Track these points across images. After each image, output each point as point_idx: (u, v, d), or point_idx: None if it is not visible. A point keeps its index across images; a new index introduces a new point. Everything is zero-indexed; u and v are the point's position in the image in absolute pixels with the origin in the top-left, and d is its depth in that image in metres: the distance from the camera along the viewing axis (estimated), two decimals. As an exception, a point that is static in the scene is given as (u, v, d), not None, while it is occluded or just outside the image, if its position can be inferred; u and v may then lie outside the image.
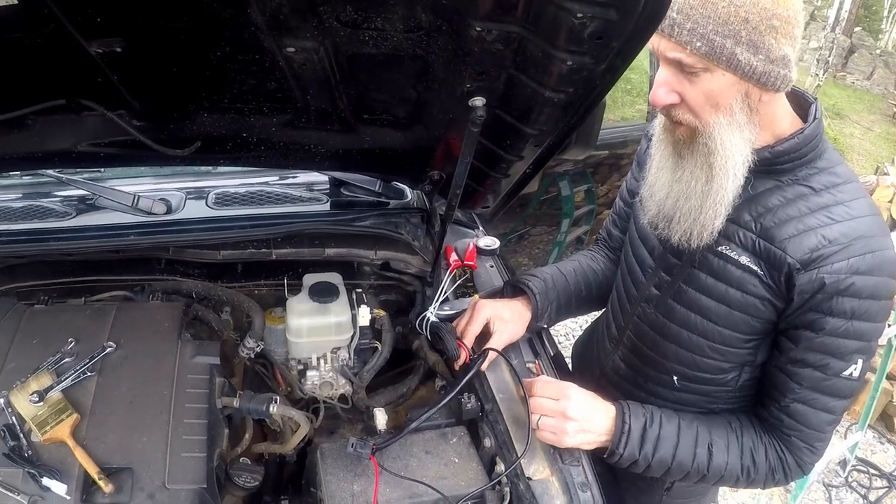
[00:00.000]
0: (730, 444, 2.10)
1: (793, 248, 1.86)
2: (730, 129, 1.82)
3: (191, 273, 2.74)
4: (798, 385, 1.97)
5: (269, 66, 1.87)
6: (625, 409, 2.11)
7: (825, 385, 1.95)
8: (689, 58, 1.72)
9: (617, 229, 2.65)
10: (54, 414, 1.92)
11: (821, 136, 1.94)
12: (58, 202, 2.81)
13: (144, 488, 1.83)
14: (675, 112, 1.87)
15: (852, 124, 15.19)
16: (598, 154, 4.84)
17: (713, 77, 1.75)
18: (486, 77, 1.80)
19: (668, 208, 2.04)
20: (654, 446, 2.07)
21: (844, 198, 1.89)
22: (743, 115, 1.82)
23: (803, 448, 2.05)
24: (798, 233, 1.87)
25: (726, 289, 2.02)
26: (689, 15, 1.67)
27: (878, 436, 6.03)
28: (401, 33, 1.70)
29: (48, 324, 2.27)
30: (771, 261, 1.91)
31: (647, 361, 2.34)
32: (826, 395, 1.96)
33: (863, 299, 1.83)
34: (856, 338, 1.88)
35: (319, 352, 2.55)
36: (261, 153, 2.37)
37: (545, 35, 1.55)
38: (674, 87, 1.81)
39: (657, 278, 2.22)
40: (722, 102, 1.79)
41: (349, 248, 2.74)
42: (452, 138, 2.18)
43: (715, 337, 2.11)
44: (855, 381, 1.95)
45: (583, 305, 2.69)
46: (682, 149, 1.95)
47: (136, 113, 2.09)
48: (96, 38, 1.69)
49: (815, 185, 1.91)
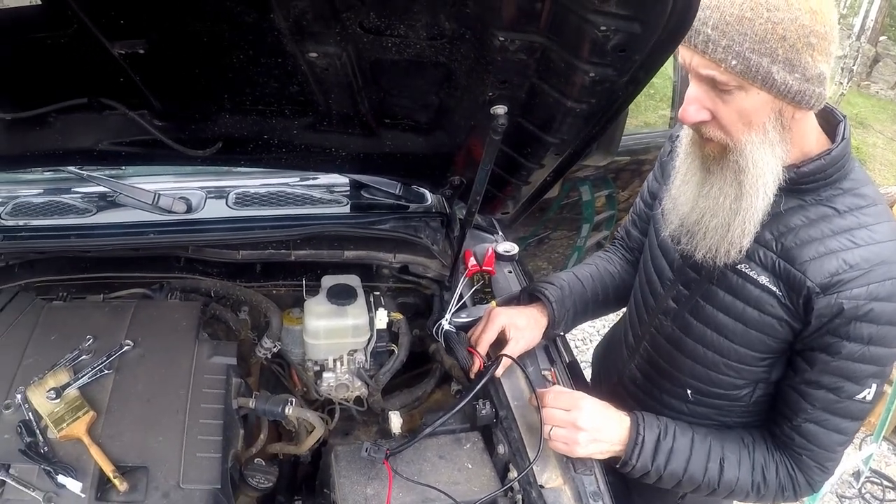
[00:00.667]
0: (741, 459, 2.09)
1: (813, 271, 1.84)
2: (762, 148, 1.78)
3: (209, 272, 2.74)
4: (811, 406, 1.96)
5: (291, 70, 1.88)
6: (639, 419, 2.10)
7: (838, 407, 1.94)
8: (724, 76, 1.68)
9: (636, 230, 2.63)
10: (71, 411, 1.93)
11: (848, 155, 1.90)
12: (78, 199, 2.82)
13: (159, 487, 1.84)
14: (706, 129, 1.83)
15: (875, 134, 15.07)
16: (620, 160, 4.84)
17: (747, 95, 1.71)
18: (508, 86, 1.80)
19: (691, 223, 2.00)
20: (667, 458, 2.06)
21: (868, 221, 1.86)
22: (776, 133, 1.78)
23: (814, 467, 2.05)
24: (819, 255, 1.84)
25: (744, 307, 2.01)
26: (725, 32, 1.63)
27: (892, 448, 5.98)
28: (424, 41, 1.70)
29: (66, 320, 2.28)
30: (790, 282, 1.89)
31: (663, 373, 2.34)
32: (838, 416, 1.95)
33: (881, 325, 1.81)
34: (871, 363, 1.86)
35: (336, 354, 2.55)
36: (282, 155, 2.38)
37: (568, 46, 1.55)
38: (705, 104, 1.78)
39: (675, 291, 2.21)
40: (755, 121, 1.75)
41: (368, 251, 2.74)
42: (474, 145, 2.17)
43: (730, 354, 2.10)
44: (867, 404, 1.94)
45: (599, 309, 2.69)
46: (712, 164, 1.91)
47: (158, 113, 2.11)
48: (119, 39, 1.71)
49: (839, 207, 1.88)
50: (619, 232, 2.77)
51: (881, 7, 16.24)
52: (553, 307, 2.39)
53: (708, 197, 1.92)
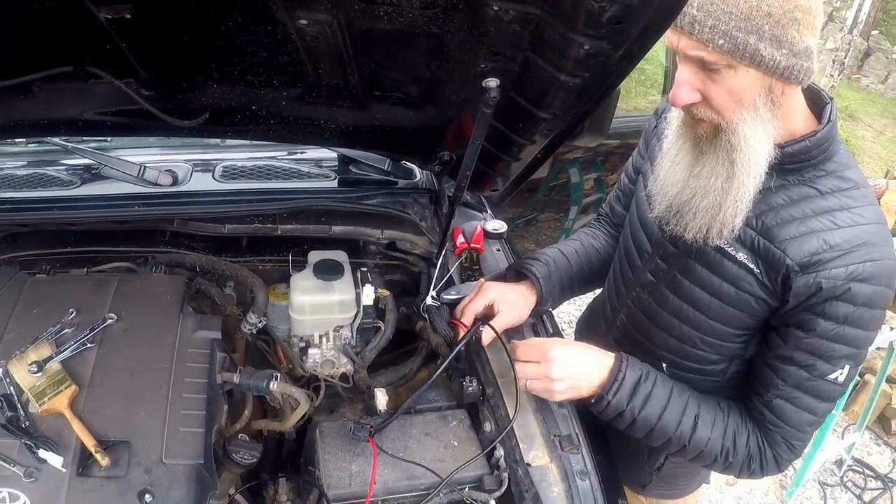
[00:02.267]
0: (715, 421, 2.09)
1: (793, 250, 1.86)
2: (753, 126, 1.78)
3: (195, 246, 2.73)
4: (782, 381, 1.97)
5: (281, 38, 1.86)
6: (623, 358, 2.11)
7: (809, 385, 1.95)
8: (712, 55, 1.68)
9: (620, 206, 2.65)
10: (53, 385, 1.91)
11: (833, 138, 1.91)
12: (63, 171, 2.81)
13: (141, 462, 1.82)
14: (697, 110, 1.84)
15: (864, 127, 15.14)
16: (610, 143, 4.84)
17: (736, 74, 1.71)
18: (501, 58, 1.79)
19: (680, 204, 2.00)
20: (644, 402, 2.07)
21: (850, 203, 1.88)
22: (766, 110, 1.78)
23: (782, 444, 2.06)
24: (799, 235, 1.86)
25: (721, 283, 2.03)
26: (711, 11, 1.63)
27: (875, 437, 6.03)
28: (417, 10, 1.68)
29: (49, 294, 2.26)
30: (769, 260, 1.91)
31: (638, 346, 2.35)
32: (808, 395, 1.97)
33: (857, 306, 1.83)
34: (846, 343, 1.88)
35: (322, 330, 2.54)
36: (270, 127, 2.36)
37: (564, 18, 1.54)
38: (695, 85, 1.78)
39: (653, 264, 2.22)
40: (745, 99, 1.76)
41: (355, 227, 2.73)
42: (464, 119, 2.16)
43: (706, 330, 2.12)
44: (839, 385, 1.95)
45: (586, 285, 2.71)
46: (704, 144, 1.91)
47: (145, 82, 2.08)
48: (106, 3, 1.67)
49: (822, 188, 1.90)
50: (604, 207, 2.78)
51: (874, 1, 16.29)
52: (541, 284, 2.39)
53: (699, 177, 1.92)
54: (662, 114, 2.35)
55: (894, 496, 5.42)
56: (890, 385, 5.98)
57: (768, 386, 2.01)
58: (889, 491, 5.43)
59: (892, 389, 5.98)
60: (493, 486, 2.04)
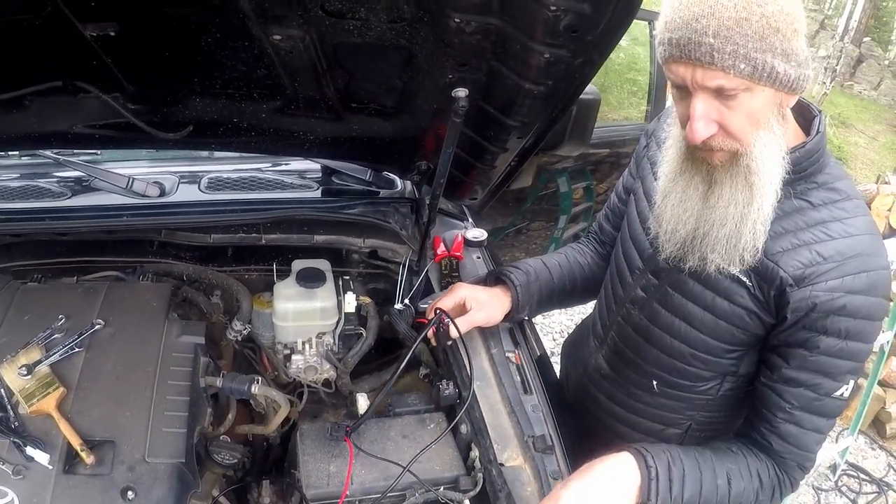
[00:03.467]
0: (741, 469, 1.99)
1: (785, 262, 1.84)
2: (770, 145, 1.75)
3: (182, 256, 2.78)
4: (789, 404, 1.92)
5: (258, 53, 1.92)
6: (642, 452, 1.92)
7: (816, 405, 1.92)
8: (732, 82, 1.63)
9: (609, 224, 2.60)
10: (41, 387, 1.96)
11: (823, 150, 1.89)
12: (54, 183, 2.85)
13: (125, 461, 1.87)
14: (714, 141, 1.76)
15: (857, 133, 15.19)
16: (599, 152, 4.88)
17: (753, 96, 1.68)
18: (467, 68, 1.85)
19: (696, 239, 1.93)
20: (682, 485, 1.91)
21: (842, 215, 1.86)
22: (779, 126, 1.76)
23: (795, 468, 2.02)
24: (792, 247, 1.84)
25: (713, 297, 2.00)
26: (728, 38, 1.58)
27: (869, 441, 6.05)
28: (384, 23, 1.75)
29: (40, 301, 2.31)
30: (762, 273, 1.88)
31: (629, 364, 2.32)
32: (815, 414, 1.93)
33: (858, 319, 1.80)
34: (849, 358, 1.85)
35: (305, 336, 2.59)
36: (251, 139, 2.42)
37: (522, 27, 1.60)
38: (712, 117, 1.71)
39: (644, 280, 2.20)
40: (762, 119, 1.72)
41: (338, 236, 2.77)
42: (438, 129, 2.20)
43: (698, 345, 2.08)
44: (844, 401, 1.93)
45: (566, 299, 2.68)
46: (719, 174, 1.84)
47: (131, 96, 2.14)
48: (91, 21, 1.74)
49: (814, 201, 1.88)
50: (593, 226, 2.75)
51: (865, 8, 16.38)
52: (518, 291, 2.39)
53: (716, 208, 1.86)
54: (652, 134, 2.33)
55: (889, 500, 5.44)
56: (883, 389, 6.02)
57: (775, 410, 1.95)
58: (884, 495, 5.46)
59: (885, 393, 6.02)
60: (468, 486, 2.07)
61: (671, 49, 1.65)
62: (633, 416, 2.37)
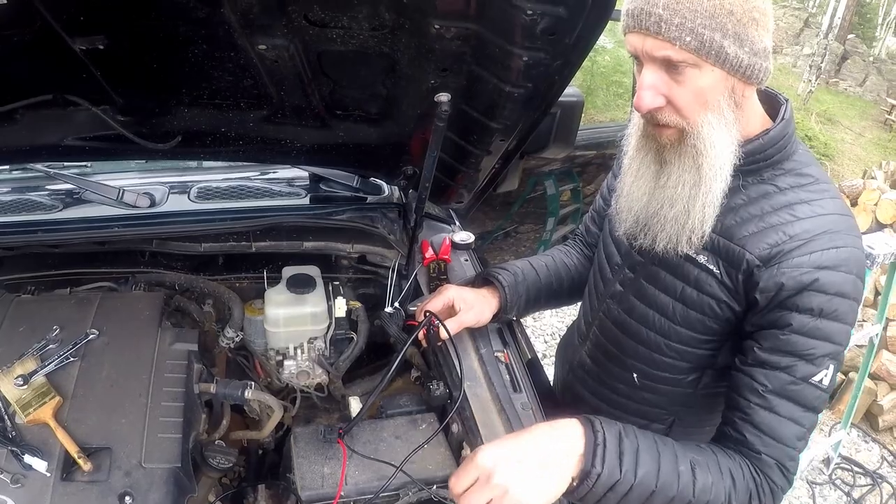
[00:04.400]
0: (709, 462, 1.82)
1: (752, 244, 1.83)
2: (719, 128, 1.76)
3: (174, 266, 2.80)
4: (762, 387, 1.82)
5: (244, 63, 1.96)
6: (589, 418, 1.78)
7: (792, 390, 1.80)
8: (679, 54, 1.65)
9: (595, 226, 2.64)
10: (38, 397, 1.98)
11: (789, 136, 1.89)
12: (46, 196, 2.88)
13: (122, 467, 1.89)
14: (661, 115, 1.79)
15: (844, 130, 15.27)
16: (586, 154, 4.90)
17: (701, 74, 1.69)
18: (449, 73, 1.89)
19: (647, 216, 1.97)
20: (636, 460, 1.74)
21: (810, 197, 1.84)
22: (730, 111, 1.76)
23: (774, 467, 1.83)
24: (759, 230, 1.83)
25: (683, 287, 2.01)
26: (676, 10, 1.61)
27: (862, 434, 6.07)
28: (366, 31, 1.79)
29: (34, 312, 2.33)
30: (729, 258, 1.88)
31: (611, 358, 2.34)
32: (792, 401, 1.81)
33: (830, 296, 1.74)
34: (825, 339, 1.77)
35: (296, 341, 2.62)
36: (239, 148, 2.46)
37: (500, 32, 1.64)
38: (660, 89, 1.73)
39: (622, 275, 2.23)
40: (710, 100, 1.73)
41: (326, 242, 2.81)
42: (423, 133, 2.23)
43: (672, 335, 2.09)
44: (824, 391, 1.81)
45: (554, 299, 2.68)
46: (669, 153, 1.87)
47: (120, 108, 2.17)
48: (80, 35, 1.77)
49: (781, 185, 1.88)
50: (580, 228, 2.77)
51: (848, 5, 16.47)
52: (505, 291, 2.41)
53: (665, 187, 1.89)
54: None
55: (884, 492, 5.47)
56: (874, 382, 6.06)
57: (748, 395, 1.84)
58: (878, 487, 5.48)
59: (876, 386, 6.05)
60: None
61: (627, 20, 1.68)
62: (616, 410, 2.38)
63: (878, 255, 4.45)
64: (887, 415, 6.02)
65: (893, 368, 6.05)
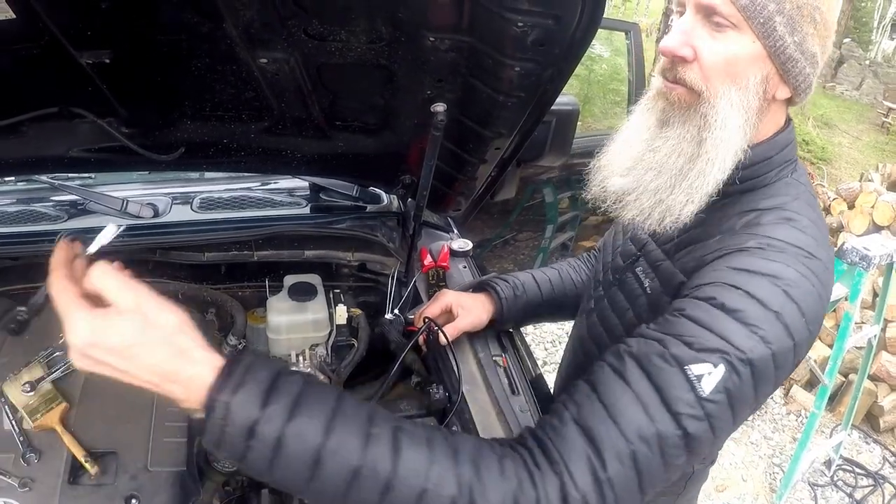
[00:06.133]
0: (433, 437, 1.35)
1: (684, 264, 1.65)
2: (737, 109, 1.56)
3: (177, 275, 2.84)
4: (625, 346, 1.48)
5: (245, 76, 2.00)
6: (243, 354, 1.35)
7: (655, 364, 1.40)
8: (726, 7, 1.48)
9: None
10: (45, 403, 2.03)
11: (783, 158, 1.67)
12: (50, 207, 2.92)
13: (128, 470, 1.94)
14: (682, 69, 1.58)
15: (841, 133, 15.31)
16: (584, 161, 4.94)
17: (740, 38, 1.51)
18: (444, 84, 1.93)
19: (627, 181, 1.73)
20: (294, 403, 1.26)
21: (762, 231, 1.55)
22: (756, 99, 1.56)
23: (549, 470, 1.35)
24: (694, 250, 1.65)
25: (628, 309, 1.85)
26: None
27: (863, 436, 6.12)
28: (364, 44, 1.83)
29: (40, 321, 2.36)
30: (664, 283, 1.71)
31: (572, 374, 2.28)
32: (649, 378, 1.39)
33: (744, 295, 1.42)
34: (719, 333, 1.38)
35: (298, 348, 2.65)
36: (241, 159, 2.50)
37: (492, 43, 1.68)
38: (692, 40, 1.55)
39: (598, 293, 2.13)
40: (740, 73, 1.54)
41: (327, 250, 2.86)
42: (420, 143, 2.26)
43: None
44: (696, 391, 1.35)
45: (556, 313, 2.63)
46: (672, 115, 1.65)
47: (124, 120, 2.20)
48: (87, 49, 1.81)
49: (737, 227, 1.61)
50: (598, 243, 2.55)
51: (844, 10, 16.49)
52: (503, 303, 2.42)
53: (657, 151, 1.67)
54: None
55: (886, 493, 5.51)
56: (874, 383, 6.11)
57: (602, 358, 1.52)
58: (880, 487, 5.53)
59: (876, 388, 6.10)
60: None
61: None
62: None
63: (875, 257, 4.48)
64: (888, 416, 6.06)
65: (893, 369, 6.09)
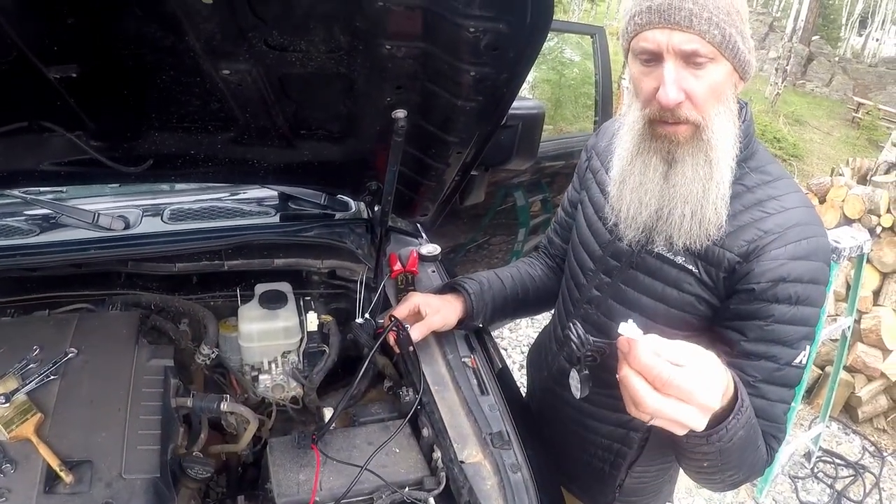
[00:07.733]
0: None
1: (730, 244, 1.92)
2: (727, 120, 1.86)
3: (149, 286, 2.86)
4: (752, 378, 1.92)
5: (209, 87, 2.03)
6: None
7: (778, 376, 1.93)
8: (706, 47, 1.74)
9: (558, 237, 2.72)
10: (20, 414, 2.03)
11: (751, 137, 2.01)
12: (23, 221, 2.93)
13: (103, 478, 1.94)
14: (681, 110, 1.83)
15: (812, 130, 15.43)
16: (555, 164, 4.99)
17: (717, 68, 1.79)
18: (403, 90, 1.97)
19: (660, 220, 2.00)
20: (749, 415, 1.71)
21: (776, 193, 1.96)
22: (734, 103, 1.89)
23: (770, 438, 1.97)
24: (734, 229, 1.93)
25: (663, 287, 2.08)
26: (704, 5, 1.71)
27: (843, 427, 6.20)
28: (323, 54, 1.87)
29: (14, 334, 2.37)
30: (709, 259, 1.97)
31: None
32: (778, 385, 1.94)
33: (805, 283, 1.86)
34: (802, 323, 1.89)
35: (270, 356, 2.67)
36: (209, 169, 2.53)
37: (447, 49, 1.72)
38: (682, 84, 1.79)
39: (598, 280, 2.28)
40: (721, 93, 1.83)
41: (297, 258, 2.88)
42: (384, 149, 2.28)
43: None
44: (802, 369, 1.95)
45: (520, 309, 2.77)
46: (681, 151, 1.91)
47: (93, 133, 2.23)
48: (54, 64, 1.83)
49: (748, 183, 1.98)
50: (543, 241, 2.84)
51: (811, 7, 16.65)
52: (472, 299, 2.48)
53: (677, 185, 1.93)
54: (593, 148, 2.43)
55: (866, 482, 5.57)
56: (851, 374, 6.18)
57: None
58: (861, 477, 5.60)
59: (853, 379, 6.16)
60: (432, 485, 2.15)
61: (649, 16, 1.76)
62: (603, 410, 2.43)
63: (845, 249, 4.55)
64: (866, 406, 6.14)
65: (869, 360, 6.15)
